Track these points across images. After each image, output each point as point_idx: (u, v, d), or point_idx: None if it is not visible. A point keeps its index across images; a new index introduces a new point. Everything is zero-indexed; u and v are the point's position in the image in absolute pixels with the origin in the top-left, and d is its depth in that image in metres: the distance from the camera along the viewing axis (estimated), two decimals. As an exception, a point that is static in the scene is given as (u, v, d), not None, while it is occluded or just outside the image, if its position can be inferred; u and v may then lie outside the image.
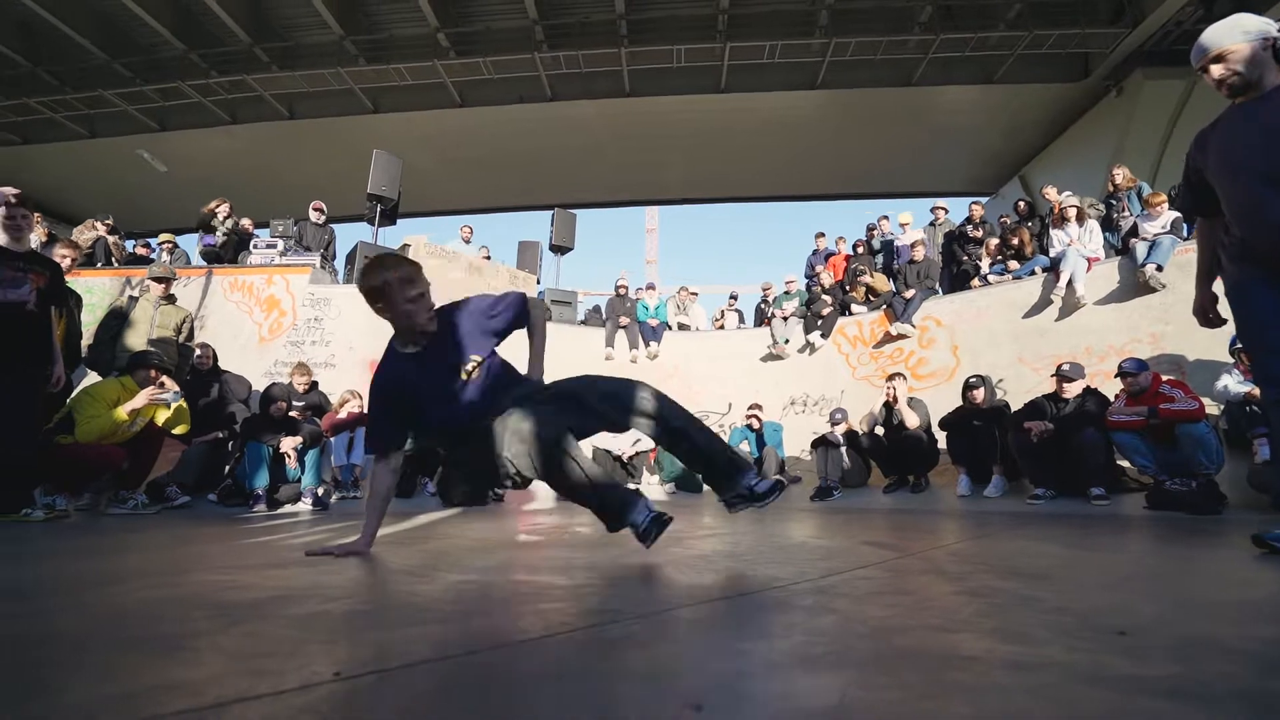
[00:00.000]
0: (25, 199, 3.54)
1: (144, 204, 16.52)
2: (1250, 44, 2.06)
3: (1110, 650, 0.93)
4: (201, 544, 2.75)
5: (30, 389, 3.44)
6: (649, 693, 0.76)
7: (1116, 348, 6.10)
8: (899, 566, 1.85)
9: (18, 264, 3.37)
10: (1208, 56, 2.14)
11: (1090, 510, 4.22)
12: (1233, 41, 2.08)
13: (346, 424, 5.51)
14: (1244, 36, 2.07)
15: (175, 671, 0.89)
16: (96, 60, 12.77)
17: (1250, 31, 2.07)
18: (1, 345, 3.26)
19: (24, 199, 3.51)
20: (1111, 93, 12.50)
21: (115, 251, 8.75)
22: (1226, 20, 2.15)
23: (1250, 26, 2.08)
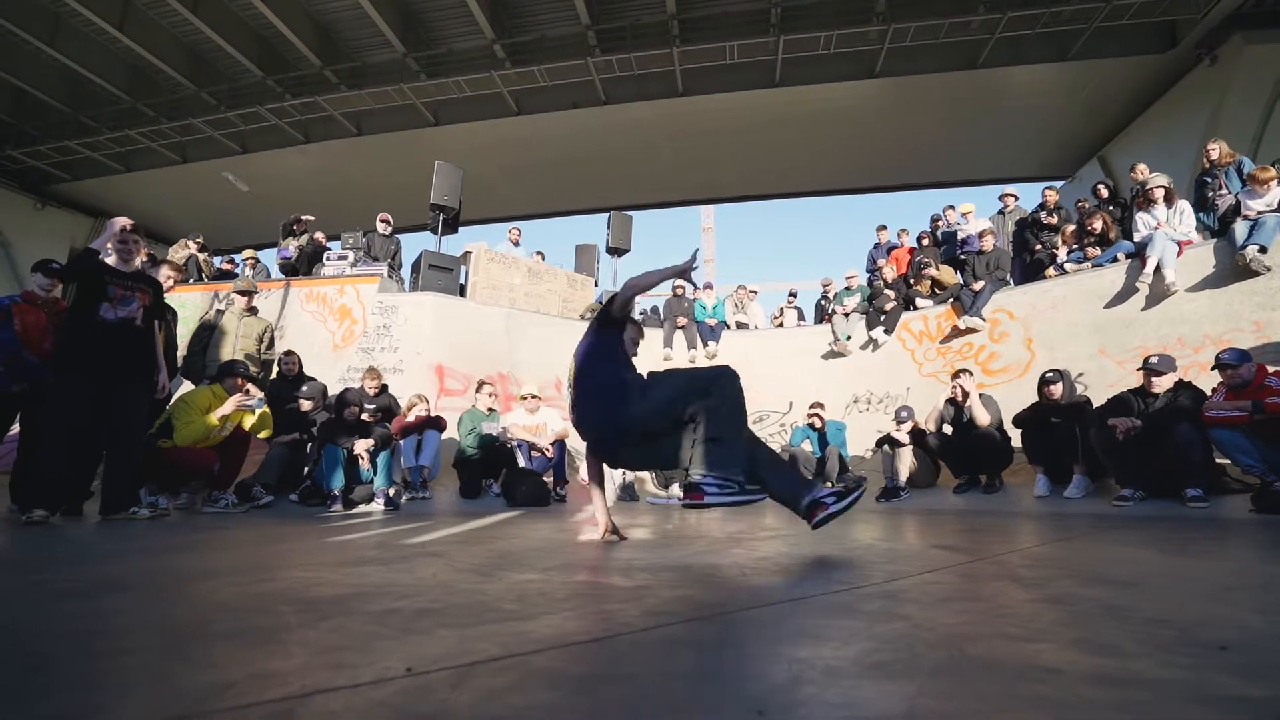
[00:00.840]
0: (138, 227, 3.87)
1: (228, 222, 17.74)
2: None
3: (1212, 666, 0.87)
4: (286, 542, 2.92)
5: (140, 399, 3.76)
6: (712, 695, 0.76)
7: (1213, 337, 5.64)
8: (971, 571, 1.78)
9: (126, 283, 3.69)
10: None
11: (1186, 513, 3.91)
12: None
13: (414, 427, 5.73)
14: None
15: (268, 662, 0.95)
16: (187, 91, 13.80)
17: None
18: (114, 358, 3.58)
19: (137, 227, 3.84)
20: (1204, 61, 11.53)
21: (205, 268, 9.42)
22: None
23: None
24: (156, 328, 3.91)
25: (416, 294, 8.44)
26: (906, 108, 13.91)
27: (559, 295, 9.66)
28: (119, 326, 3.61)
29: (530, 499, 5.33)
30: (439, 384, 7.44)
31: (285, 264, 9.29)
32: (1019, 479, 5.35)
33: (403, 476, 5.60)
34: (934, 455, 5.80)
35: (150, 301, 3.80)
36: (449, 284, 8.63)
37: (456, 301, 8.48)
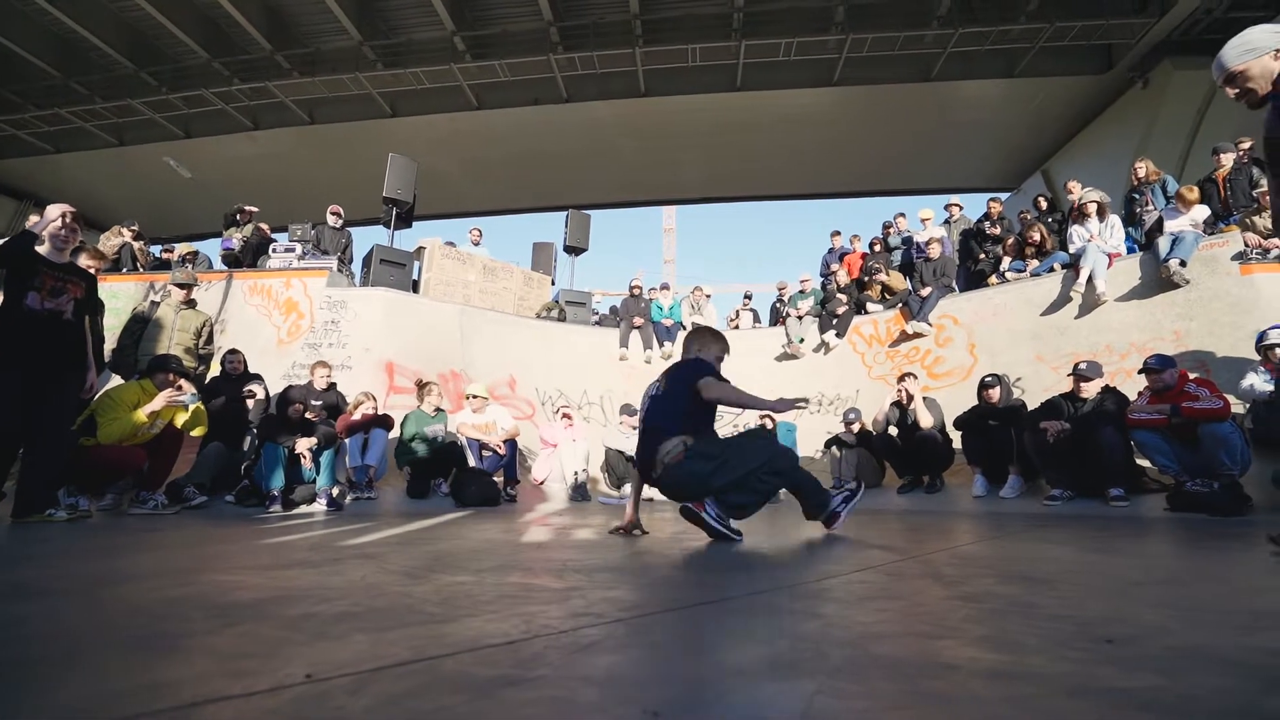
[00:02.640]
0: (79, 216, 3.66)
1: (169, 210, 16.95)
2: (1258, 60, 2.21)
3: (1097, 660, 0.91)
4: (215, 544, 2.80)
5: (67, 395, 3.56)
6: (607, 698, 0.75)
7: (1139, 345, 5.95)
8: (898, 570, 1.83)
9: (58, 274, 3.49)
10: (1222, 77, 2.31)
11: (1109, 512, 4.12)
12: (1240, 63, 2.24)
13: (361, 425, 5.58)
14: (1252, 55, 2.22)
15: (163, 671, 0.91)
16: (125, 70, 13.12)
17: (1257, 47, 2.22)
18: (41, 353, 3.38)
19: (78, 216, 3.64)
20: (1137, 84, 12.20)
21: (140, 257, 8.97)
22: (1236, 40, 2.29)
23: (1256, 43, 2.22)
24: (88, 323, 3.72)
25: (367, 289, 8.23)
26: (862, 116, 14.28)
27: (514, 293, 9.55)
28: (47, 319, 3.42)
29: (480, 499, 5.26)
30: (389, 381, 7.26)
31: (228, 255, 8.93)
32: (959, 479, 5.54)
33: (347, 476, 5.45)
34: (880, 456, 5.96)
35: (83, 295, 3.61)
36: (401, 279, 8.44)
37: (408, 297, 8.30)
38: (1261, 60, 2.20)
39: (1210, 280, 5.88)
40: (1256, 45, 2.22)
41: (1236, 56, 2.25)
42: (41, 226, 3.50)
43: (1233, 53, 2.27)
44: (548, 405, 7.99)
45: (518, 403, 7.83)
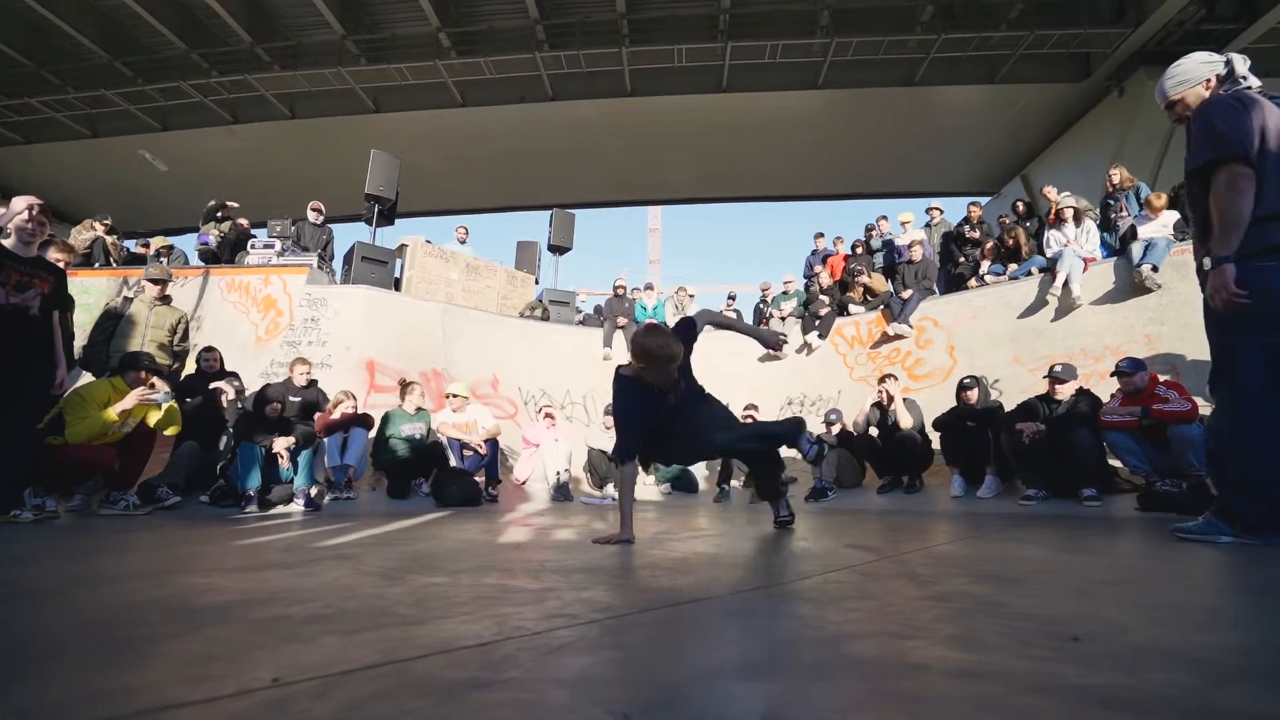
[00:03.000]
0: (46, 209, 3.57)
1: (145, 203, 16.61)
2: (1192, 90, 2.42)
3: (1060, 658, 0.92)
4: (187, 546, 2.76)
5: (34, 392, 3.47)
6: (577, 699, 0.75)
7: (1112, 348, 6.07)
8: (873, 570, 1.84)
9: (23, 269, 3.40)
10: (1163, 104, 2.53)
11: (1081, 511, 4.20)
12: (1176, 93, 2.46)
13: (340, 424, 5.52)
14: (1184, 86, 2.44)
15: (122, 676, 0.89)
16: (99, 60, 12.83)
17: (1188, 79, 2.43)
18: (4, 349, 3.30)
19: (45, 209, 3.54)
20: (1113, 93, 12.44)
21: (114, 251, 8.79)
22: (1174, 69, 2.49)
23: (1189, 75, 2.43)
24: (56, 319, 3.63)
25: (348, 286, 8.14)
26: (847, 119, 14.40)
27: (497, 292, 9.50)
28: (11, 314, 3.33)
29: (460, 499, 5.23)
30: (369, 380, 7.19)
31: (205, 251, 8.78)
32: (938, 479, 5.61)
33: (326, 476, 5.38)
34: (860, 456, 6.01)
35: (50, 290, 3.52)
36: (383, 277, 8.36)
37: (390, 295, 8.23)
38: (1195, 90, 2.40)
39: (1181, 285, 6.00)
40: (1189, 77, 2.42)
41: (1173, 87, 2.45)
42: (6, 219, 3.42)
43: (1170, 83, 2.46)
44: (530, 405, 7.96)
45: (500, 402, 7.79)
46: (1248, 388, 2.19)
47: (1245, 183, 2.15)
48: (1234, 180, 2.16)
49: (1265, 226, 2.16)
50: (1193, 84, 2.41)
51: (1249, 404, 2.19)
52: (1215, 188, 2.20)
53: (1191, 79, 2.41)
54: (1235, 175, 2.16)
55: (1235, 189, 2.16)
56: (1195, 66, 2.42)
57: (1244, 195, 2.15)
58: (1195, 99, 2.39)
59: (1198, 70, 2.41)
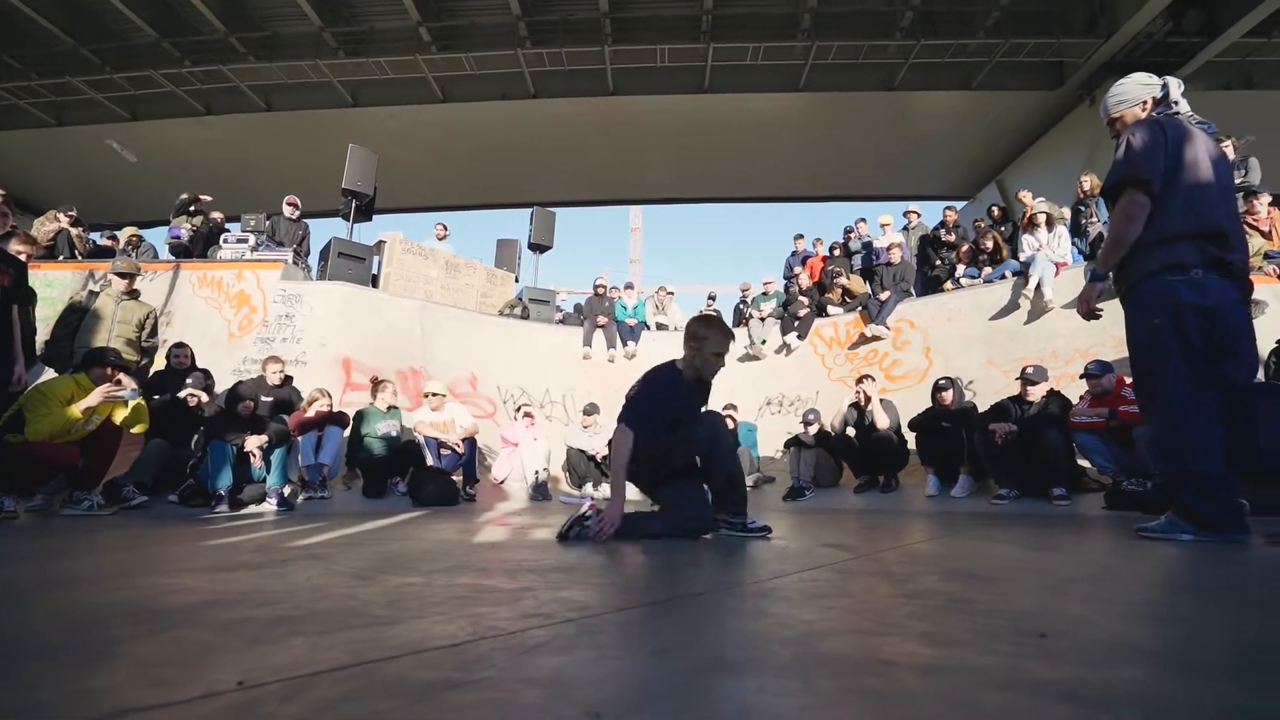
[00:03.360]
0: (9, 200, 3.46)
1: (113, 195, 16.18)
2: (1130, 110, 2.56)
3: (1026, 653, 0.94)
4: (154, 547, 2.69)
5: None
6: (550, 699, 0.75)
7: (1082, 351, 6.21)
8: (849, 568, 1.87)
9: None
10: (1106, 120, 2.66)
11: (1051, 510, 4.29)
12: (1118, 110, 2.59)
13: (315, 423, 5.43)
14: (1124, 106, 2.57)
15: (82, 680, 0.87)
16: (64, 46, 12.46)
17: (1127, 99, 2.57)
18: None
19: (8, 200, 3.44)
20: (1085, 101, 12.73)
21: (78, 244, 8.54)
22: (1116, 87, 2.63)
23: (1128, 95, 2.57)
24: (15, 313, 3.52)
25: (324, 283, 8.01)
26: (827, 122, 14.54)
27: (477, 290, 9.43)
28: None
29: (437, 498, 5.18)
30: (346, 378, 7.09)
31: (175, 244, 8.58)
32: (913, 479, 5.69)
33: (300, 475, 5.30)
34: (837, 456, 6.08)
35: (10, 283, 3.41)
36: (360, 274, 8.25)
37: (367, 292, 8.12)
38: (1133, 110, 2.52)
39: (1148, 290, 6.17)
40: (1128, 97, 2.54)
41: (1114, 106, 2.58)
42: None
43: (1111, 101, 2.60)
44: (509, 404, 7.91)
45: (479, 401, 7.73)
46: (1179, 399, 2.28)
47: (1138, 210, 2.28)
48: (1129, 206, 2.29)
49: (1174, 245, 2.27)
50: (1131, 104, 2.53)
51: (1184, 414, 2.28)
52: (1114, 210, 2.34)
53: (1130, 99, 2.53)
54: (1132, 201, 2.29)
55: (1127, 215, 2.29)
56: (1135, 87, 2.54)
57: (1135, 222, 2.28)
58: (1132, 118, 2.50)
59: (1136, 91, 2.53)
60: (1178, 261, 2.27)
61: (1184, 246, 2.27)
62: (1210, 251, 2.27)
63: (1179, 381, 2.27)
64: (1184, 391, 2.27)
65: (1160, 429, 2.42)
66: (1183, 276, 2.26)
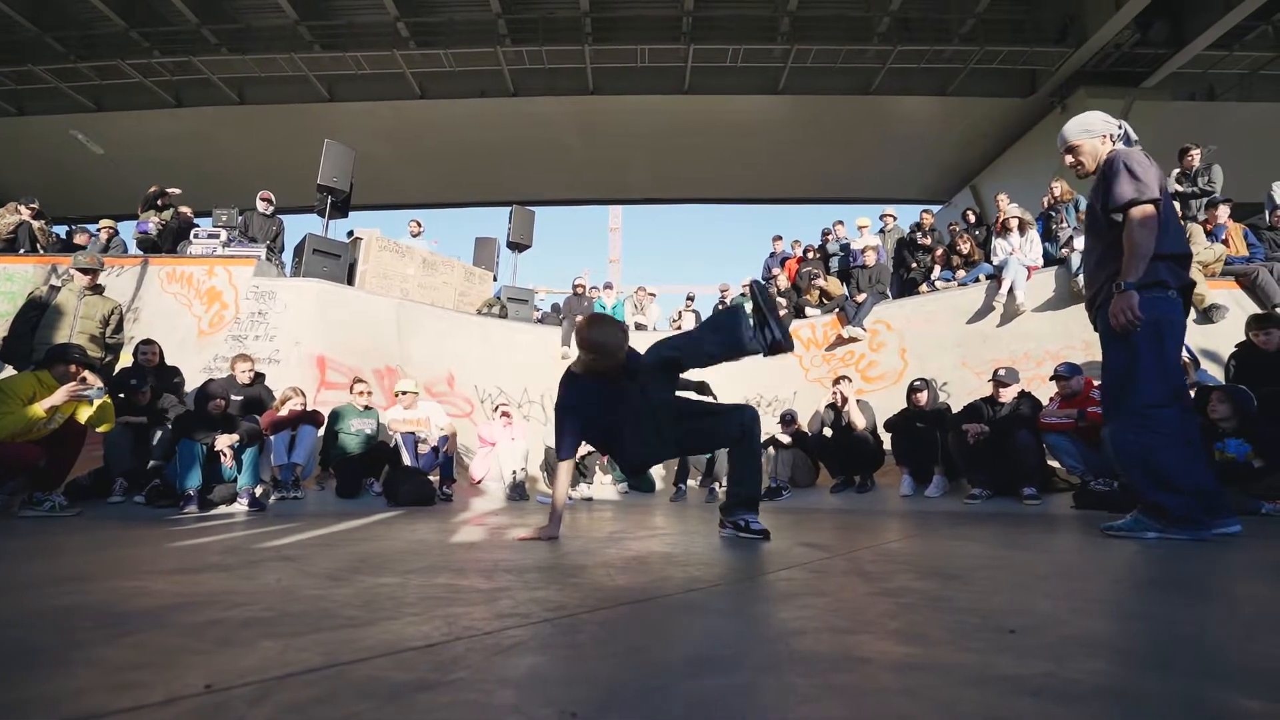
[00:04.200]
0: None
1: (76, 188, 15.71)
2: (1090, 140, 2.64)
3: (997, 650, 0.96)
4: (120, 548, 2.62)
5: None
6: (525, 699, 0.74)
7: (1053, 353, 6.35)
8: (824, 567, 1.88)
9: None
10: (1063, 147, 2.73)
11: (1022, 510, 4.38)
12: (1077, 139, 2.67)
13: (288, 422, 5.32)
14: (1087, 135, 2.65)
15: (40, 685, 0.84)
16: (26, 33, 12.07)
17: (1092, 130, 2.65)
18: None
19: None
20: (1056, 108, 13.04)
21: (41, 237, 8.28)
22: (1079, 118, 2.72)
23: (1093, 126, 2.66)
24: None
25: (298, 280, 7.86)
26: (806, 125, 14.69)
27: (455, 288, 9.34)
28: None
29: (413, 498, 5.11)
30: (320, 376, 6.97)
31: (144, 239, 8.36)
32: (888, 479, 5.77)
33: (272, 475, 5.19)
34: (814, 456, 6.13)
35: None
36: (335, 271, 8.12)
37: (342, 289, 7.99)
38: (1093, 142, 2.63)
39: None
40: (1091, 128, 2.65)
41: (1075, 133, 2.67)
42: None
43: (1074, 128, 2.69)
44: (487, 403, 7.84)
45: (456, 400, 7.66)
46: (1149, 400, 2.40)
47: (1154, 224, 2.41)
48: (1147, 219, 2.40)
49: (1156, 264, 2.42)
50: (1094, 135, 2.64)
51: (1152, 414, 2.40)
52: (1131, 225, 2.42)
53: (1095, 131, 2.64)
54: (1148, 215, 2.40)
55: (1148, 227, 2.40)
56: (1100, 122, 2.66)
57: (1154, 234, 2.41)
58: (1091, 150, 2.63)
59: (1101, 125, 2.65)
60: (1160, 280, 2.42)
61: (1163, 267, 2.42)
62: (1180, 274, 2.46)
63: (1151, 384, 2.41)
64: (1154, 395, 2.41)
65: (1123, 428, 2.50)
66: (1162, 294, 2.42)
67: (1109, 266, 2.52)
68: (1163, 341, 2.42)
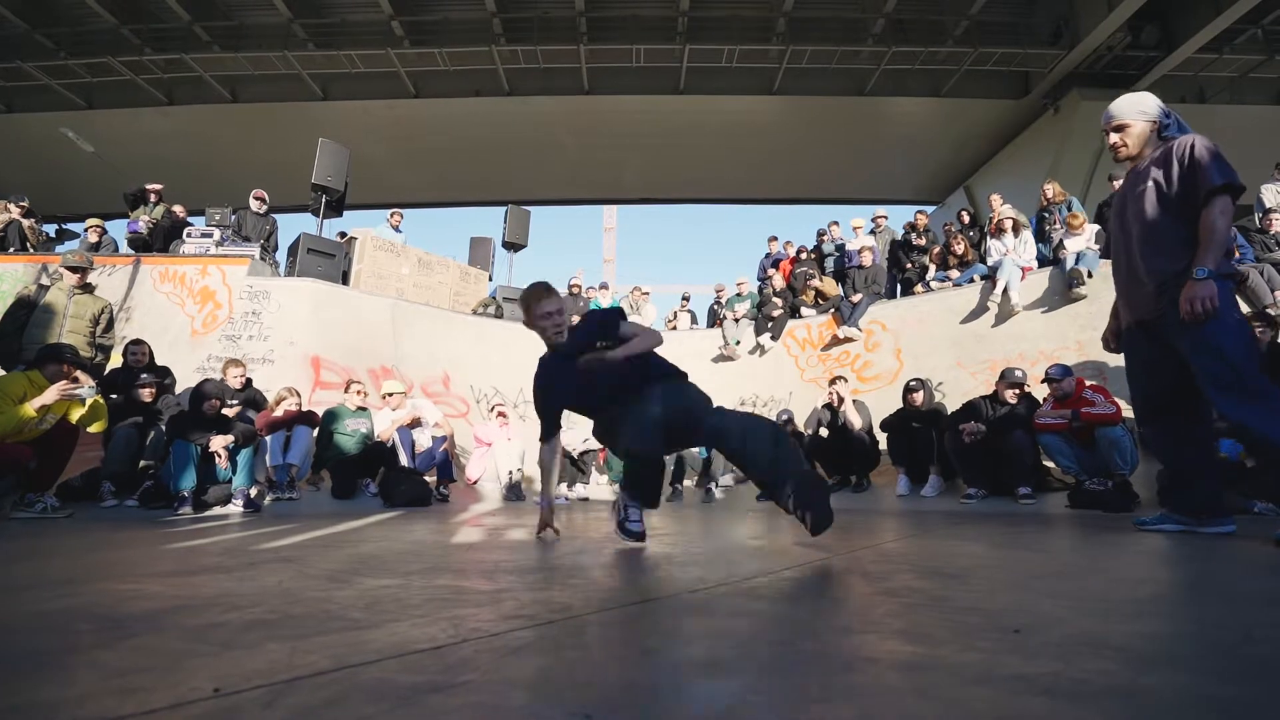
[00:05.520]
0: None
1: (67, 186, 15.56)
2: (1143, 123, 2.54)
3: (1004, 649, 0.96)
4: (114, 550, 2.59)
5: None
6: (536, 701, 0.74)
7: (1047, 353, 6.39)
8: (825, 567, 1.89)
9: None
10: (1110, 123, 2.60)
11: (1017, 509, 4.41)
12: (1131, 118, 2.55)
13: (283, 422, 5.30)
14: (1142, 116, 2.54)
15: (41, 691, 0.83)
16: (15, 29, 11.96)
17: (1147, 113, 2.54)
18: None
19: None
20: (1049, 110, 13.13)
21: (30, 236, 8.20)
22: (1132, 97, 2.60)
23: (1148, 109, 2.54)
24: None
25: (292, 279, 7.83)
26: (801, 126, 14.73)
27: (450, 288, 9.31)
28: None
29: (410, 499, 5.09)
30: (315, 377, 6.94)
31: (135, 239, 8.29)
32: (884, 479, 5.79)
33: (267, 476, 5.16)
34: (811, 457, 6.14)
35: None
36: (329, 270, 8.08)
37: (337, 289, 7.95)
38: (1144, 124, 2.52)
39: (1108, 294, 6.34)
40: (1147, 111, 2.53)
41: (1130, 112, 2.55)
42: None
43: (1128, 107, 2.56)
44: (483, 403, 7.83)
45: (452, 400, 7.64)
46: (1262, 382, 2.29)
47: (1232, 214, 2.37)
48: (1227, 210, 2.34)
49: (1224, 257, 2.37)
50: (1147, 118, 2.53)
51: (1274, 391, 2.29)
52: (1214, 211, 2.33)
53: (1150, 114, 2.53)
54: (1228, 205, 2.34)
55: (1228, 216, 2.34)
56: (1155, 106, 2.55)
57: (1230, 223, 2.37)
58: (1140, 132, 2.53)
59: (1156, 110, 2.53)
60: (1228, 272, 2.37)
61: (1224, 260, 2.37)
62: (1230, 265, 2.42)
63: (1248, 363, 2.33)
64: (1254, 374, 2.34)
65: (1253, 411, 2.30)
66: (1227, 286, 2.36)
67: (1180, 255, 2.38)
68: (1242, 326, 2.37)
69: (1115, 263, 2.74)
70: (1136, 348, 2.65)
